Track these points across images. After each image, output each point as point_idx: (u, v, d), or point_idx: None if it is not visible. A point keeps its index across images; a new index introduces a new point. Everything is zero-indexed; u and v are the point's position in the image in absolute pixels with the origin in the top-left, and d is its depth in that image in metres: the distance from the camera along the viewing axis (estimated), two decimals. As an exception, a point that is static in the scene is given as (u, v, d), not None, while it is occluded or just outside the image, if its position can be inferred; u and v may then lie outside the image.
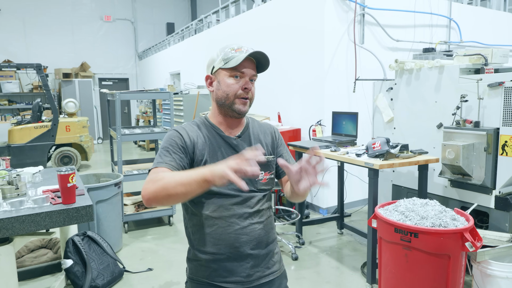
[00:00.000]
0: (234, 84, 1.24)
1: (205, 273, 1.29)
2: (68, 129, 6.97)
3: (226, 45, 1.29)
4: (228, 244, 1.26)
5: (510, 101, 2.63)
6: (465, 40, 5.47)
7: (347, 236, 3.85)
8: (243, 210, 1.28)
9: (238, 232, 1.27)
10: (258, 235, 1.30)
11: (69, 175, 2.06)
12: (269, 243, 1.35)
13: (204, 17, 8.20)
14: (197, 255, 1.30)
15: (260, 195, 1.32)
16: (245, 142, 1.32)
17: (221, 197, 1.26)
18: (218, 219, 1.26)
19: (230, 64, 1.23)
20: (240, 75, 1.25)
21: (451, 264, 2.14)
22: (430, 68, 3.14)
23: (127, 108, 13.20)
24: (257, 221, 1.30)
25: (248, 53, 1.23)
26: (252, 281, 1.29)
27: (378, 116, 3.64)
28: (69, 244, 2.88)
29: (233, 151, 1.29)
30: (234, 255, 1.27)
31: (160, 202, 1.10)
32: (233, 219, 1.26)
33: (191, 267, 1.34)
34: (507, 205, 2.68)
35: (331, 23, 4.33)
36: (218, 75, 1.27)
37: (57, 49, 11.86)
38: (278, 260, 1.40)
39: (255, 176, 0.97)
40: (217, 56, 1.28)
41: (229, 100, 1.26)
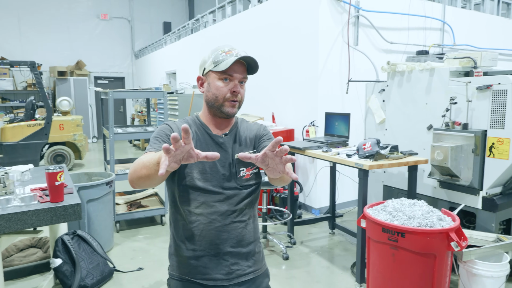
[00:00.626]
0: (223, 87, 1.26)
1: (186, 270, 1.31)
2: (61, 127, 6.94)
3: (218, 47, 1.31)
4: (209, 240, 1.28)
5: (498, 104, 2.66)
6: (459, 43, 5.52)
7: (339, 236, 3.87)
8: (225, 207, 1.29)
9: (219, 230, 1.28)
10: (239, 233, 1.31)
11: (57, 173, 2.06)
12: (251, 242, 1.35)
13: (201, 17, 8.20)
14: (178, 251, 1.32)
15: (244, 193, 1.32)
16: (230, 140, 1.34)
17: (205, 193, 1.27)
18: (200, 215, 1.28)
19: (219, 67, 1.25)
20: (230, 78, 1.27)
21: (437, 264, 2.16)
22: (421, 71, 3.17)
23: (123, 107, 13.17)
24: (239, 220, 1.31)
25: (237, 57, 1.24)
26: (232, 278, 1.30)
27: (370, 117, 3.66)
28: (58, 243, 2.87)
29: (219, 148, 1.31)
30: (214, 252, 1.28)
31: (136, 184, 1.15)
32: (214, 216, 1.28)
33: (172, 264, 1.36)
34: (494, 206, 2.71)
35: (326, 25, 4.35)
36: (209, 77, 1.29)
37: (53, 47, 11.81)
38: (260, 259, 1.41)
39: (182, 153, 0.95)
40: (208, 58, 1.30)
41: (218, 102, 1.28)
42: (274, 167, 1.02)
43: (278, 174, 1.04)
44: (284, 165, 1.01)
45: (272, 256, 3.40)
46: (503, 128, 2.64)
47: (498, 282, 2.42)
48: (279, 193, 4.31)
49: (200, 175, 1.27)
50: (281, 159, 0.99)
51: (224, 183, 1.29)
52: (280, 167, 1.01)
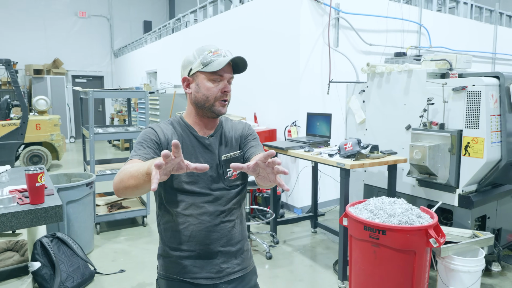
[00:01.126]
0: (214, 88, 1.27)
1: (176, 270, 1.31)
2: (38, 127, 6.75)
3: (202, 47, 1.30)
4: (199, 241, 1.29)
5: (472, 104, 2.77)
6: (434, 45, 5.69)
7: (321, 234, 3.93)
8: (214, 208, 1.30)
9: (209, 230, 1.29)
10: (228, 232, 1.33)
11: (38, 174, 2.02)
12: (240, 241, 1.37)
13: (182, 16, 8.14)
14: (168, 252, 1.32)
15: (232, 193, 1.34)
16: (216, 141, 1.35)
17: (193, 195, 1.28)
18: (190, 216, 1.28)
19: (210, 68, 1.25)
20: (220, 78, 1.27)
21: (417, 260, 2.23)
22: (400, 72, 3.26)
23: (102, 107, 12.91)
24: (228, 219, 1.33)
25: (230, 58, 1.25)
26: (222, 277, 1.32)
27: (351, 118, 3.74)
28: (37, 246, 2.80)
29: (206, 150, 1.32)
30: (204, 252, 1.30)
31: (123, 193, 1.12)
32: (204, 216, 1.29)
33: (162, 264, 1.35)
34: (469, 203, 2.81)
35: (307, 26, 4.41)
36: (197, 77, 1.28)
37: (29, 44, 11.46)
38: (248, 257, 1.43)
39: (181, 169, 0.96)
40: (194, 58, 1.28)
41: (209, 102, 1.28)
42: (265, 176, 1.04)
43: (268, 183, 1.06)
44: (276, 176, 1.02)
45: (256, 256, 3.42)
46: (478, 128, 2.75)
47: (474, 276, 2.52)
48: (261, 193, 4.34)
49: (188, 178, 1.28)
50: (273, 169, 1.00)
51: (211, 184, 1.30)
52: (272, 177, 1.03)
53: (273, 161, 0.99)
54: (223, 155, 1.34)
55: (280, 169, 0.99)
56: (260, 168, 1.02)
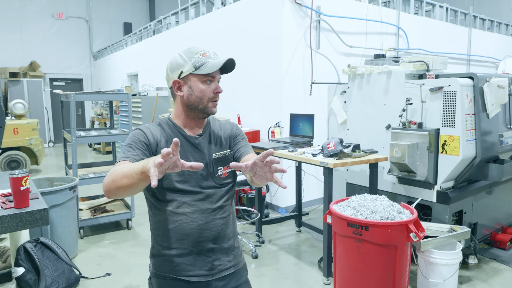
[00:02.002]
0: (207, 89, 1.30)
1: (169, 268, 1.33)
2: (16, 131, 6.59)
3: (189, 49, 1.32)
4: (191, 239, 1.31)
5: (448, 104, 2.89)
6: (412, 47, 5.87)
7: (305, 233, 4.00)
8: (206, 206, 1.33)
9: (201, 228, 1.32)
10: (220, 230, 1.36)
11: (22, 178, 2.00)
12: (231, 238, 1.41)
13: (163, 18, 8.10)
14: (160, 251, 1.34)
15: (222, 191, 1.37)
16: (205, 141, 1.38)
17: (185, 194, 1.31)
18: (182, 215, 1.30)
19: (203, 70, 1.28)
20: (211, 80, 1.31)
21: (398, 254, 2.31)
22: (379, 73, 3.36)
23: (81, 110, 12.67)
24: (219, 217, 1.36)
25: (224, 60, 1.28)
26: (214, 273, 1.35)
27: (333, 118, 3.82)
28: (20, 251, 2.75)
29: (196, 150, 1.35)
30: (197, 250, 1.32)
31: (114, 194, 1.14)
32: (196, 214, 1.31)
33: (155, 263, 1.37)
34: (447, 199, 2.93)
35: (289, 29, 4.48)
36: (189, 80, 1.30)
37: (3, 46, 11.14)
38: (239, 253, 1.46)
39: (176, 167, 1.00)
40: (183, 61, 1.30)
41: (203, 104, 1.31)
42: (262, 175, 1.08)
43: (265, 182, 1.10)
44: (273, 174, 1.06)
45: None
46: (454, 126, 2.87)
47: (452, 269, 2.63)
48: (246, 193, 4.38)
49: (179, 177, 1.30)
50: (271, 168, 1.05)
51: (202, 183, 1.33)
52: (269, 175, 1.07)
53: (272, 160, 1.03)
54: (214, 153, 1.37)
55: (278, 168, 1.04)
56: (257, 167, 1.07)
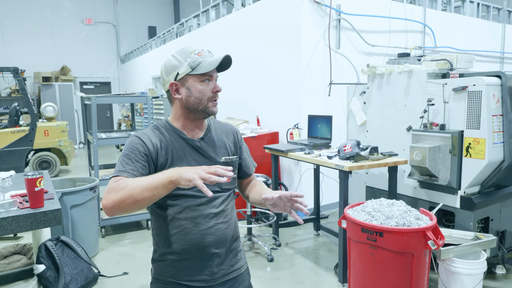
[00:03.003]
0: (206, 89, 1.27)
1: (171, 273, 1.31)
2: (46, 133, 6.87)
3: (183, 49, 1.29)
4: (194, 244, 1.29)
5: (473, 104, 2.74)
6: (440, 45, 5.64)
7: (323, 237, 3.91)
8: (208, 210, 1.30)
9: (204, 232, 1.29)
10: (223, 234, 1.33)
11: (37, 179, 2.06)
12: (233, 242, 1.39)
13: (185, 21, 8.22)
14: (163, 256, 1.32)
15: (225, 195, 1.36)
16: (208, 145, 1.34)
17: (187, 199, 1.28)
18: (184, 220, 1.28)
19: (200, 69, 1.24)
20: (209, 79, 1.28)
21: (415, 262, 2.21)
22: (400, 73, 3.24)
23: (110, 112, 13.07)
24: (222, 221, 1.33)
25: (220, 57, 1.25)
26: (216, 278, 1.33)
27: (352, 119, 3.72)
28: (41, 249, 2.85)
29: (197, 153, 1.31)
30: (199, 255, 1.30)
31: (124, 210, 1.12)
32: (198, 219, 1.29)
33: (156, 268, 1.35)
34: (471, 205, 2.78)
35: (308, 28, 4.41)
36: (186, 81, 1.27)
37: (37, 52, 11.68)
38: (242, 257, 1.44)
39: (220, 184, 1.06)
40: (179, 62, 1.26)
41: (203, 104, 1.28)
42: (282, 207, 1.15)
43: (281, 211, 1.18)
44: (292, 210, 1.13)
45: (257, 258, 3.43)
46: (479, 128, 2.72)
47: (475, 279, 2.48)
48: (264, 195, 4.34)
49: None
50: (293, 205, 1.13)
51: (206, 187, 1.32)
52: (288, 210, 1.14)
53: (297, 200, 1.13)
54: (223, 157, 1.36)
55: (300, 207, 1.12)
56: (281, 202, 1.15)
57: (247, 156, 1.50)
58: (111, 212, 1.13)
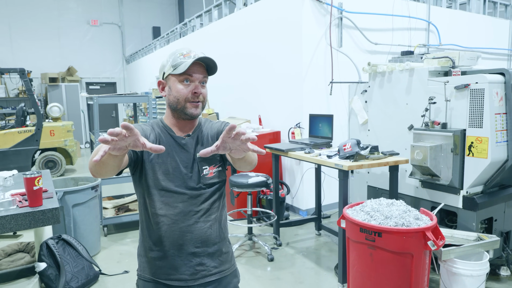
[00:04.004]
0: (184, 89, 1.27)
1: (151, 270, 1.33)
2: (52, 133, 6.93)
3: (176, 50, 1.32)
4: (172, 241, 1.29)
5: (476, 103, 2.69)
6: (445, 43, 5.57)
7: (325, 237, 3.89)
8: (189, 208, 1.30)
9: (183, 230, 1.29)
10: (204, 233, 1.32)
11: (35, 178, 2.07)
12: (217, 242, 1.36)
13: (188, 21, 8.25)
14: (144, 251, 1.34)
15: (208, 192, 1.33)
16: (193, 141, 1.35)
17: (168, 194, 1.29)
18: (164, 216, 1.29)
19: (179, 70, 1.26)
20: (190, 79, 1.27)
21: (414, 263, 2.18)
22: (401, 71, 3.20)
23: (115, 112, 13.16)
24: (204, 220, 1.32)
25: (194, 58, 1.25)
26: (197, 279, 1.32)
27: (354, 118, 3.69)
28: (43, 247, 2.87)
29: (182, 149, 1.33)
30: (178, 253, 1.30)
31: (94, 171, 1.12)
32: (178, 216, 1.29)
33: (139, 263, 1.38)
34: (474, 205, 2.73)
35: (309, 27, 4.39)
36: (169, 80, 1.30)
37: (44, 53, 11.80)
38: (228, 259, 1.41)
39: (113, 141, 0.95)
40: (166, 62, 1.30)
41: (180, 104, 1.29)
42: (238, 148, 1.02)
43: (243, 153, 1.04)
44: (246, 144, 1.00)
45: (257, 258, 3.42)
46: (481, 127, 2.67)
47: (478, 280, 2.44)
48: (265, 195, 4.33)
49: (164, 176, 1.29)
50: (242, 140, 0.99)
51: (187, 183, 1.31)
52: (244, 146, 1.01)
53: (237, 133, 0.98)
54: (198, 152, 1.34)
55: (249, 136, 0.98)
56: (229, 144, 1.01)
57: None
58: (91, 173, 1.14)
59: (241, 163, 1.22)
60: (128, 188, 5.59)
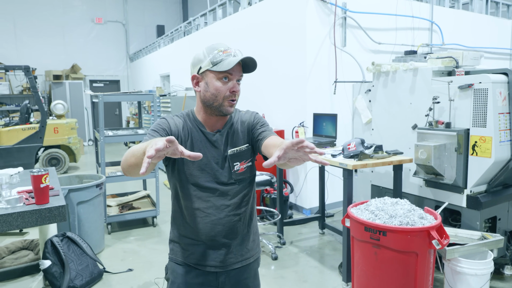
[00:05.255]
0: (223, 87, 1.28)
1: (184, 255, 1.40)
2: (56, 130, 6.96)
3: (212, 45, 1.31)
4: (205, 233, 1.35)
5: (479, 102, 2.70)
6: (447, 42, 5.56)
7: (328, 236, 3.90)
8: (220, 202, 1.35)
9: (215, 223, 1.35)
10: (233, 226, 1.38)
11: (42, 175, 2.09)
12: (246, 233, 1.43)
13: (193, 20, 8.25)
14: (177, 239, 1.42)
15: (238, 187, 1.37)
16: (224, 137, 1.37)
17: (201, 189, 1.34)
18: (197, 210, 1.35)
19: (220, 67, 1.25)
20: (229, 77, 1.28)
21: (419, 262, 2.18)
22: (405, 71, 3.21)
23: (118, 110, 13.19)
24: (234, 213, 1.37)
25: (239, 58, 1.26)
26: (225, 266, 1.39)
27: (358, 118, 3.70)
28: (47, 245, 2.89)
29: (212, 146, 1.35)
30: (210, 243, 1.37)
31: (127, 171, 1.16)
32: (210, 210, 1.35)
33: (172, 248, 1.45)
34: (478, 204, 2.74)
35: (313, 26, 4.39)
36: (206, 76, 1.29)
37: (48, 51, 11.83)
38: (254, 247, 1.47)
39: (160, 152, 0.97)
40: (204, 56, 1.29)
41: (218, 102, 1.29)
42: (298, 158, 1.03)
43: (301, 163, 1.05)
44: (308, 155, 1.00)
45: (262, 256, 3.42)
46: (485, 126, 2.68)
47: (482, 279, 2.45)
48: (269, 194, 4.34)
49: (196, 172, 1.34)
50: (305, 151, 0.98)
51: (218, 179, 1.35)
52: (305, 157, 1.02)
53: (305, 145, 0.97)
54: (229, 150, 1.37)
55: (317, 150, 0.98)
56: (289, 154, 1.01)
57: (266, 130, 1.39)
58: (123, 172, 1.18)
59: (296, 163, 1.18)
60: (131, 186, 5.62)
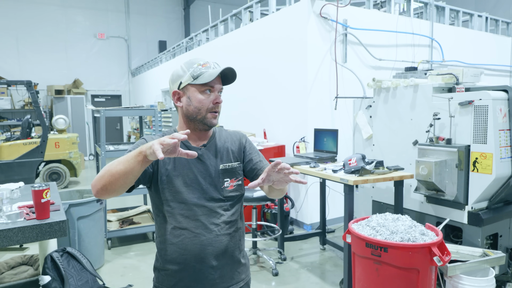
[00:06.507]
0: (206, 99, 1.29)
1: (171, 283, 1.32)
2: (57, 145, 6.98)
3: (190, 60, 1.33)
4: (194, 255, 1.29)
5: (480, 119, 2.71)
6: (447, 59, 5.63)
7: (329, 252, 3.87)
8: (210, 221, 1.31)
9: (204, 243, 1.29)
10: (224, 246, 1.33)
11: (43, 190, 2.09)
12: (236, 255, 1.38)
13: (195, 35, 8.38)
14: (163, 265, 1.34)
15: (227, 205, 1.34)
16: (209, 151, 1.36)
17: (188, 207, 1.29)
18: (185, 230, 1.29)
19: (201, 80, 1.27)
20: (211, 90, 1.30)
21: (421, 279, 2.17)
22: (406, 87, 3.24)
23: (120, 125, 13.24)
24: (224, 233, 1.33)
25: (220, 69, 1.29)
26: None
27: (358, 133, 3.72)
28: (47, 260, 2.87)
29: (198, 161, 1.33)
30: (199, 266, 1.30)
31: (105, 187, 1.11)
32: (199, 230, 1.30)
33: (158, 276, 1.37)
34: (479, 220, 2.73)
35: (314, 42, 4.45)
36: (187, 90, 1.30)
37: (50, 66, 11.94)
38: (244, 270, 1.43)
39: (173, 147, 1.06)
40: (183, 72, 1.30)
41: (201, 115, 1.30)
42: (280, 180, 1.15)
43: (285, 184, 1.18)
44: (289, 176, 1.13)
45: (262, 272, 3.40)
46: (486, 143, 2.69)
47: (484, 297, 2.42)
48: (270, 209, 4.32)
49: (182, 188, 1.30)
50: (285, 173, 1.12)
51: (207, 194, 1.32)
52: (286, 178, 1.14)
53: (283, 167, 1.11)
54: (221, 164, 1.35)
55: (292, 171, 1.11)
56: (273, 176, 1.15)
57: (260, 160, 1.44)
58: (94, 190, 1.14)
59: (276, 193, 1.31)
60: (132, 201, 5.60)
